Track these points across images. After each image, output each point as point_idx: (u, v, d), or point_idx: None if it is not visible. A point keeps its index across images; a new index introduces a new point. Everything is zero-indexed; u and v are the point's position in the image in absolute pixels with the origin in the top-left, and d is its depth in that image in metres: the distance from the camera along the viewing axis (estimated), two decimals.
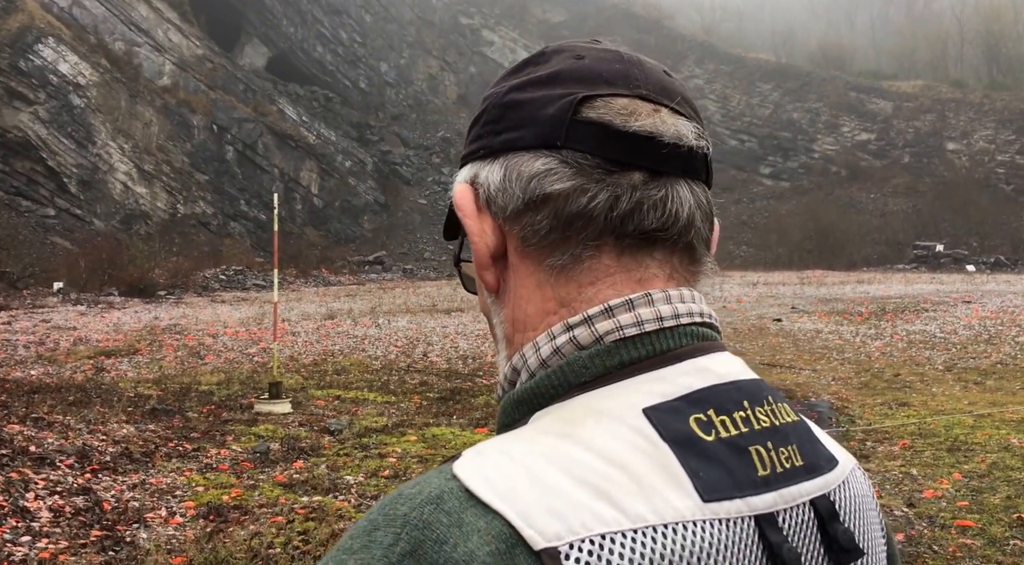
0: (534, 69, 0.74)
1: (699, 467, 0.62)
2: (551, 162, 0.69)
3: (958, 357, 14.12)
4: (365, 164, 47.31)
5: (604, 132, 0.69)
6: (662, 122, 0.70)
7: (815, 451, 0.71)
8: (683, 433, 0.63)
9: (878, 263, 44.27)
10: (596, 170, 0.69)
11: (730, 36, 64.70)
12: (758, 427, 0.67)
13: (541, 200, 0.70)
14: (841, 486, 0.72)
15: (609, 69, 0.72)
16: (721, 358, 0.71)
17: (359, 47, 51.98)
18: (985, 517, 6.03)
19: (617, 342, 0.68)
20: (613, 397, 0.65)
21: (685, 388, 0.66)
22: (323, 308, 22.54)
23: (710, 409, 0.65)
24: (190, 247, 35.47)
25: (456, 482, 0.60)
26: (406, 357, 14.03)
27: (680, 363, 0.68)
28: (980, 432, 8.61)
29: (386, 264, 40.09)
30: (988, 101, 55.64)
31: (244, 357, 13.92)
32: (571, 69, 0.72)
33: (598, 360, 0.67)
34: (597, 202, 0.68)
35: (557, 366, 0.69)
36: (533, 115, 0.71)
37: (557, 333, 0.70)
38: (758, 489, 0.64)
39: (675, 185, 0.70)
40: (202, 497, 6.40)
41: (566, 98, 0.70)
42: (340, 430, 8.64)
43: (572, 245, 0.70)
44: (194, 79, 41.65)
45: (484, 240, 0.73)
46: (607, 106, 0.70)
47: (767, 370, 12.92)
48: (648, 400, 0.64)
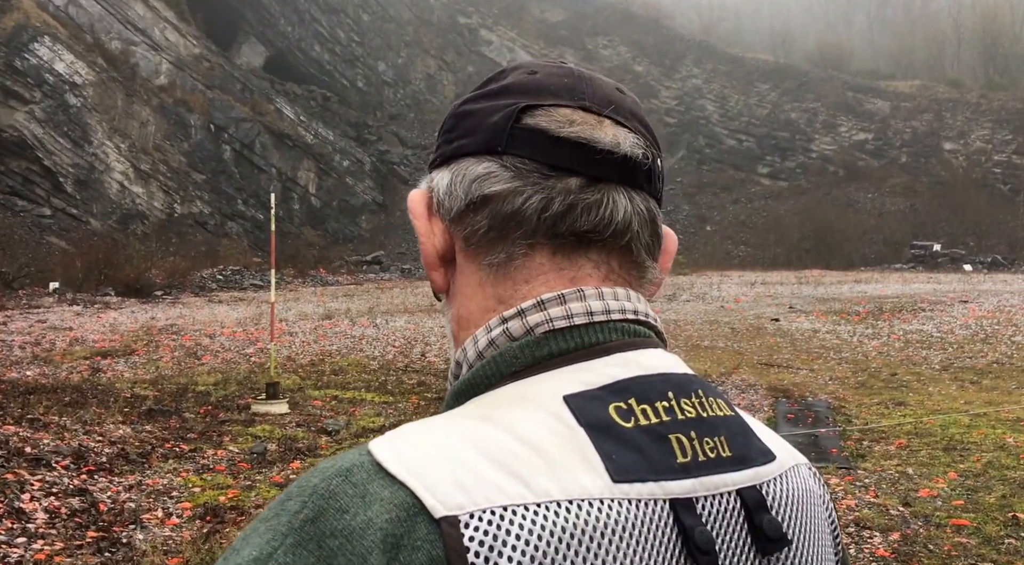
0: (492, 84, 0.78)
1: (613, 450, 0.64)
2: (492, 166, 0.73)
3: (955, 356, 14.15)
4: (363, 164, 47.25)
5: (540, 138, 0.72)
6: (600, 131, 0.73)
7: (747, 444, 0.73)
8: (600, 419, 0.65)
9: (876, 263, 44.37)
10: (533, 174, 0.72)
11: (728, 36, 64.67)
12: (681, 417, 0.69)
13: (481, 201, 0.74)
14: (777, 480, 0.73)
15: (557, 82, 0.75)
16: (651, 353, 0.73)
17: (357, 46, 51.91)
18: (980, 516, 6.06)
19: (547, 334, 0.71)
20: (537, 385, 0.68)
21: (608, 378, 0.69)
22: (321, 308, 22.48)
23: (631, 398, 0.68)
24: (187, 247, 35.35)
25: (369, 456, 0.63)
26: (404, 357, 13.99)
27: (607, 356, 0.70)
28: (976, 431, 8.66)
29: (384, 264, 40.01)
30: (985, 101, 55.68)
31: (241, 357, 13.88)
32: (521, 82, 0.76)
33: (527, 350, 0.71)
34: (531, 203, 0.72)
35: (491, 357, 0.72)
36: (480, 123, 0.75)
37: (493, 326, 0.73)
38: (675, 474, 0.66)
39: (611, 191, 0.73)
40: (199, 498, 6.39)
41: (509, 107, 0.74)
42: (337, 430, 8.62)
43: (508, 244, 0.73)
44: (191, 78, 41.53)
45: (432, 241, 0.78)
46: (548, 115, 0.73)
47: (765, 370, 12.86)
48: (570, 388, 0.67)
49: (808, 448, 8.05)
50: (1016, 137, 53.61)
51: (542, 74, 0.77)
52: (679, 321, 19.30)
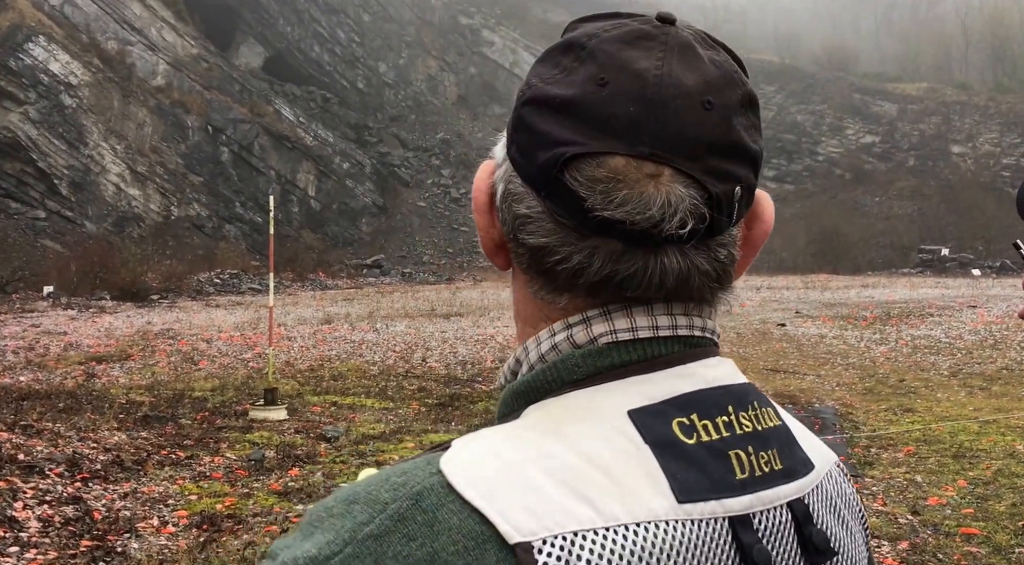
0: (563, 73, 0.69)
1: (677, 469, 0.65)
2: (534, 209, 0.70)
3: (963, 362, 14.04)
4: (363, 166, 46.96)
5: (577, 205, 0.66)
6: (650, 194, 0.66)
7: (793, 455, 0.73)
8: (665, 436, 0.66)
9: (883, 267, 44.45)
10: (572, 233, 0.68)
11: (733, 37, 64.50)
12: (740, 432, 0.70)
13: (521, 243, 0.71)
14: (816, 489, 0.74)
15: (622, 113, 0.66)
16: (711, 363, 0.72)
17: (357, 47, 51.60)
18: (990, 525, 6.01)
19: (609, 345, 0.70)
20: (602, 397, 0.68)
21: (671, 392, 0.69)
22: (320, 312, 22.43)
23: (693, 413, 0.68)
24: (184, 250, 35.18)
25: (440, 477, 0.63)
26: (404, 363, 13.92)
27: (669, 368, 0.70)
28: (985, 438, 8.63)
29: (384, 268, 39.78)
30: (993, 104, 55.62)
31: (239, 362, 13.79)
32: (586, 102, 0.67)
33: (590, 360, 0.70)
34: (566, 265, 0.69)
35: (552, 362, 0.71)
36: (531, 150, 0.69)
37: (558, 330, 0.72)
38: (734, 491, 0.67)
39: (658, 256, 0.68)
40: (195, 506, 6.34)
41: (557, 151, 0.67)
42: (337, 437, 8.57)
43: (546, 289, 0.72)
44: (188, 79, 41.18)
45: (490, 235, 0.76)
46: (594, 170, 0.66)
47: (771, 375, 12.85)
48: (634, 402, 0.67)
49: None
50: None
51: (611, 88, 0.66)
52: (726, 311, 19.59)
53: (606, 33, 0.70)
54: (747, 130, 0.70)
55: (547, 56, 0.73)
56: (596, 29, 0.71)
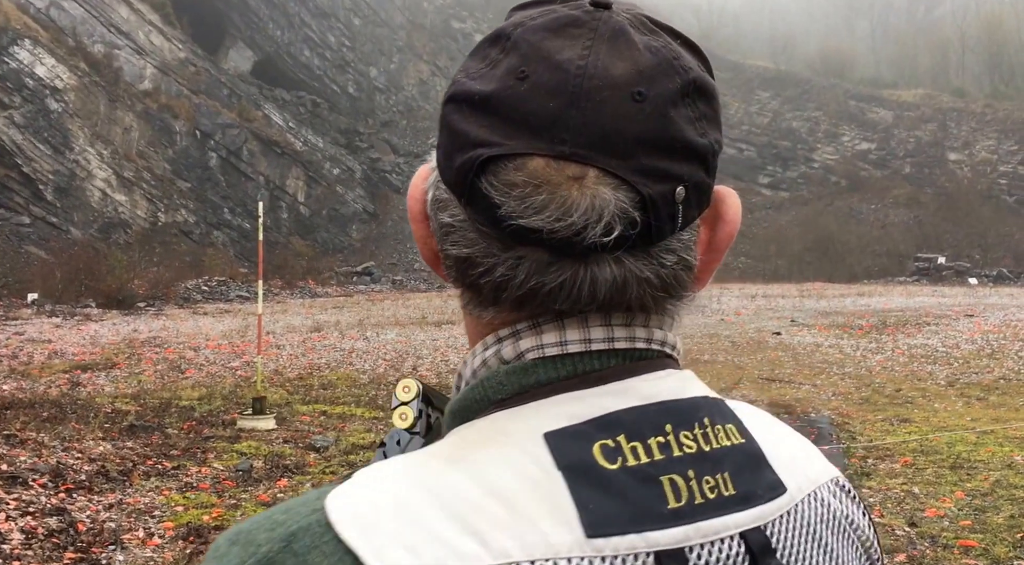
0: (488, 66, 0.64)
1: (591, 498, 0.58)
2: (457, 217, 0.65)
3: (960, 372, 14.08)
4: (354, 172, 46.57)
5: (494, 214, 0.61)
6: (574, 198, 0.60)
7: (755, 479, 0.65)
8: (581, 460, 0.60)
9: (879, 275, 44.40)
10: (494, 243, 0.63)
11: (728, 41, 64.41)
12: (678, 454, 0.62)
13: (446, 254, 0.67)
14: (786, 516, 0.66)
15: (541, 109, 0.60)
16: (654, 376, 0.65)
17: (348, 51, 51.19)
18: (988, 537, 6.01)
19: (536, 361, 0.64)
20: (519, 419, 0.63)
21: (598, 410, 0.62)
22: (309, 320, 22.29)
23: (621, 434, 0.61)
24: (171, 257, 34.77)
25: (320, 514, 0.59)
26: (395, 371, 13.91)
27: (602, 384, 0.64)
28: (983, 449, 8.65)
29: (375, 275, 39.37)
30: (990, 110, 55.60)
31: (227, 371, 13.72)
32: (505, 97, 0.61)
33: (514, 377, 0.65)
34: (489, 278, 0.64)
35: (478, 380, 0.67)
36: (450, 153, 0.64)
37: (489, 344, 0.67)
38: (663, 523, 0.60)
39: (588, 265, 0.62)
40: (181, 517, 6.31)
41: (473, 153, 0.61)
42: (326, 447, 8.56)
43: (474, 302, 0.67)
44: (176, 83, 40.70)
45: (428, 245, 0.70)
46: (511, 174, 0.60)
47: (766, 385, 12.82)
48: (554, 423, 0.61)
49: None
50: (1022, 148, 53.26)
51: (531, 82, 0.61)
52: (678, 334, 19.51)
53: (532, 21, 0.64)
54: (692, 122, 0.63)
55: (478, 49, 0.67)
56: (524, 17, 0.65)
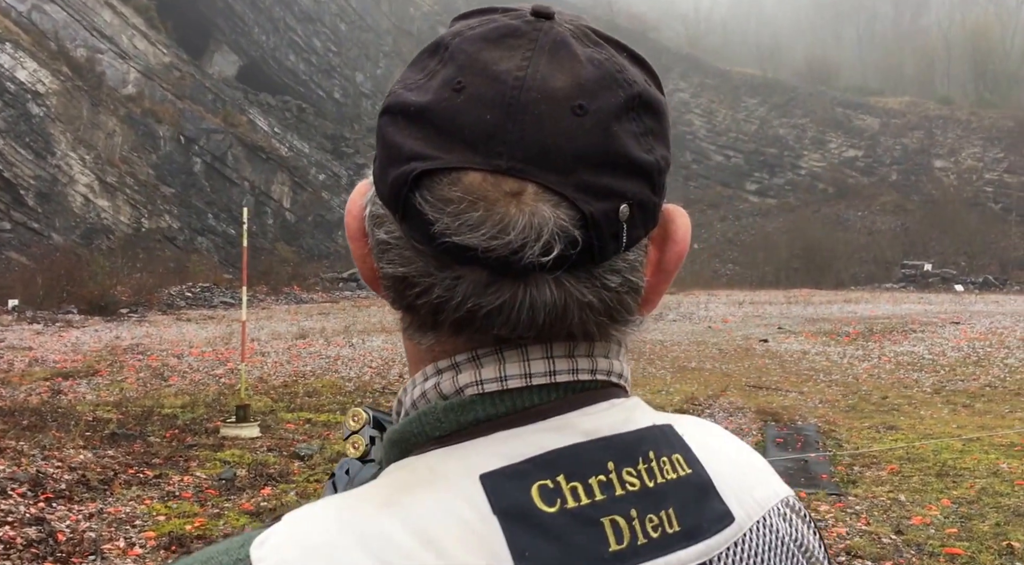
0: (425, 77, 0.62)
1: (528, 545, 0.56)
2: (393, 234, 0.62)
3: (946, 379, 14.16)
4: (340, 177, 46.31)
5: (428, 230, 0.58)
6: (511, 215, 0.57)
7: (701, 511, 0.63)
8: (518, 504, 0.57)
9: (866, 282, 44.52)
10: (431, 260, 0.60)
11: (715, 49, 64.55)
12: (620, 492, 0.60)
13: (383, 273, 0.64)
14: (734, 547, 0.64)
15: (477, 121, 0.58)
16: (597, 410, 0.63)
17: (334, 56, 50.97)
18: (974, 545, 6.02)
19: (475, 397, 0.62)
20: (456, 458, 0.60)
21: (537, 448, 0.60)
22: (294, 327, 22.13)
23: (560, 474, 0.59)
24: (155, 263, 34.33)
25: (245, 563, 0.57)
26: (381, 378, 13.80)
27: (542, 420, 0.61)
28: (969, 457, 8.70)
29: (361, 281, 38.95)
30: (975, 118, 55.88)
31: (210, 378, 13.62)
32: (440, 109, 0.59)
33: (451, 415, 0.62)
34: (425, 299, 0.61)
35: (416, 415, 0.64)
36: (385, 166, 0.61)
37: (429, 374, 0.65)
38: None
39: (529, 286, 0.59)
40: (163, 527, 6.26)
41: (407, 167, 0.59)
42: (311, 455, 8.50)
43: (413, 326, 0.64)
44: (160, 88, 40.33)
45: (367, 264, 0.67)
46: (446, 189, 0.58)
47: (753, 392, 12.84)
48: (491, 463, 0.59)
49: (798, 474, 8.13)
50: (1008, 155, 53.51)
51: (468, 93, 0.58)
52: (665, 341, 19.37)
53: (471, 31, 0.62)
54: (637, 138, 0.60)
55: (416, 59, 0.65)
56: (463, 26, 0.64)
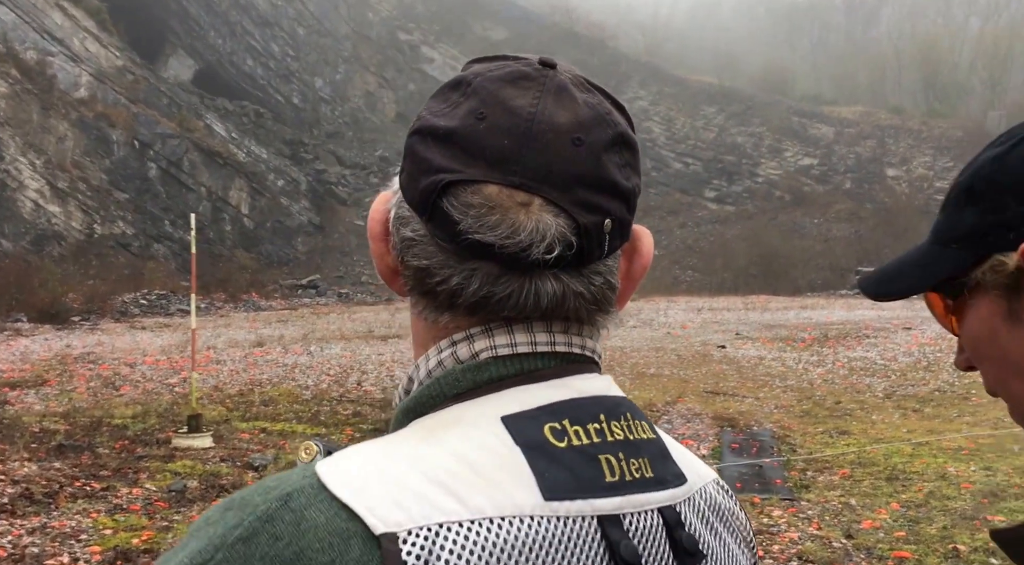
0: (450, 107, 0.75)
1: (546, 469, 0.68)
2: (418, 232, 0.74)
3: (897, 384, 14.39)
4: (299, 183, 45.84)
5: (453, 229, 0.71)
6: (521, 220, 0.71)
7: (665, 467, 0.77)
8: (535, 439, 0.70)
9: (821, 288, 44.96)
10: (451, 255, 0.72)
11: (673, 58, 65.06)
12: (611, 439, 0.73)
13: (407, 265, 0.76)
14: (688, 500, 0.78)
15: (496, 145, 0.72)
16: (587, 377, 0.76)
17: (292, 61, 50.52)
18: (921, 548, 6.12)
19: (489, 360, 0.74)
20: (478, 406, 0.72)
21: (546, 399, 0.72)
22: (252, 335, 21.91)
23: (565, 419, 0.72)
24: (108, 270, 33.68)
25: (313, 478, 0.67)
26: (339, 387, 13.79)
27: (545, 381, 0.74)
28: (918, 461, 8.85)
29: (320, 288, 38.69)
30: (926, 128, 56.96)
31: (164, 387, 13.46)
32: (465, 133, 0.73)
33: (469, 374, 0.74)
34: (445, 286, 0.73)
35: (436, 377, 0.75)
36: (415, 176, 0.74)
37: (444, 347, 0.76)
38: (603, 493, 0.70)
39: (533, 279, 0.72)
40: (109, 541, 6.14)
41: (436, 177, 0.72)
42: (265, 465, 8.45)
43: (430, 308, 0.76)
44: (113, 91, 39.65)
45: (385, 262, 0.79)
46: (469, 196, 0.71)
47: (710, 398, 12.92)
48: (508, 409, 0.71)
49: (752, 479, 8.24)
50: (957, 164, 54.49)
51: (489, 121, 0.72)
52: (625, 348, 19.42)
53: (490, 73, 0.76)
54: (619, 168, 0.74)
55: (439, 92, 0.78)
56: (483, 69, 0.77)
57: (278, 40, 50.20)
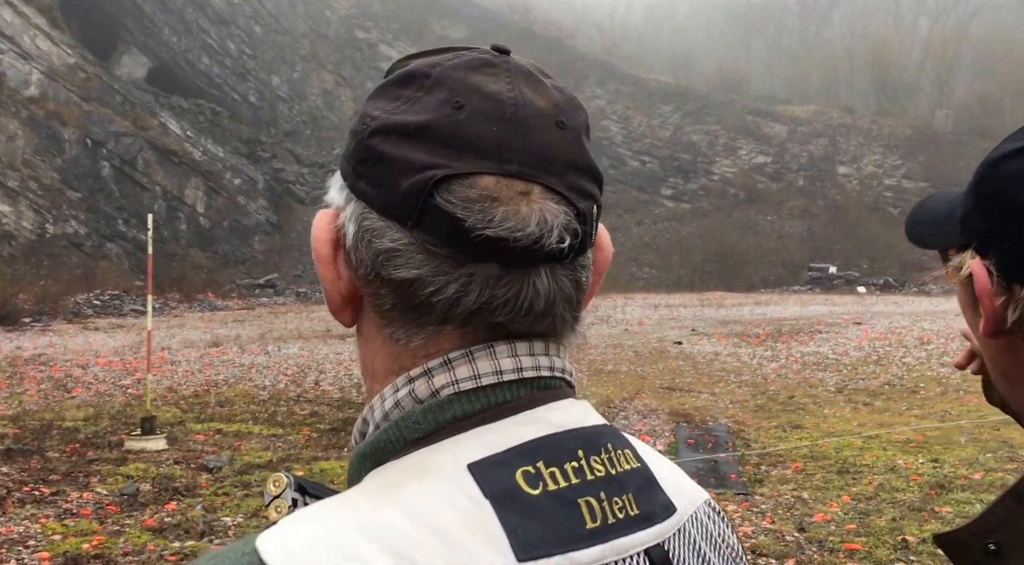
0: (407, 103, 0.68)
1: (519, 524, 0.62)
2: (400, 241, 0.66)
3: (849, 378, 14.49)
4: (256, 182, 45.40)
5: (455, 228, 0.64)
6: (525, 211, 0.65)
7: (651, 499, 0.70)
8: (507, 488, 0.63)
9: (775, 285, 45.53)
10: (446, 261, 0.65)
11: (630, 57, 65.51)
12: (591, 477, 0.67)
13: (386, 280, 0.68)
14: (678, 533, 0.72)
15: (484, 133, 0.66)
16: (561, 406, 0.70)
17: (249, 59, 50.00)
18: (872, 540, 6.22)
19: (451, 397, 0.67)
20: (441, 453, 0.65)
21: (517, 438, 0.66)
22: (208, 335, 21.70)
23: (540, 461, 0.65)
24: (60, 270, 33.13)
25: (253, 556, 0.60)
26: (296, 386, 13.65)
27: (515, 415, 0.67)
28: (868, 454, 8.98)
29: (278, 287, 38.41)
30: (876, 127, 57.95)
31: (117, 389, 13.22)
32: (443, 125, 0.66)
33: (430, 415, 0.67)
34: (442, 296, 0.66)
35: (393, 421, 0.68)
36: (389, 180, 0.67)
37: (400, 385, 0.69)
38: (583, 542, 0.64)
39: (532, 277, 0.67)
40: (59, 546, 6.02)
41: (423, 175, 0.65)
42: (220, 467, 8.33)
43: (412, 326, 0.69)
44: (65, 90, 38.98)
45: (337, 288, 0.72)
46: (466, 191, 0.65)
47: (667, 394, 12.99)
48: (476, 454, 0.64)
49: (708, 474, 8.31)
50: (905, 162, 55.72)
51: (468, 111, 0.66)
52: (582, 345, 19.54)
53: (449, 62, 0.69)
54: (591, 152, 0.71)
55: (381, 92, 0.71)
56: (437, 60, 0.70)
57: (234, 38, 49.65)
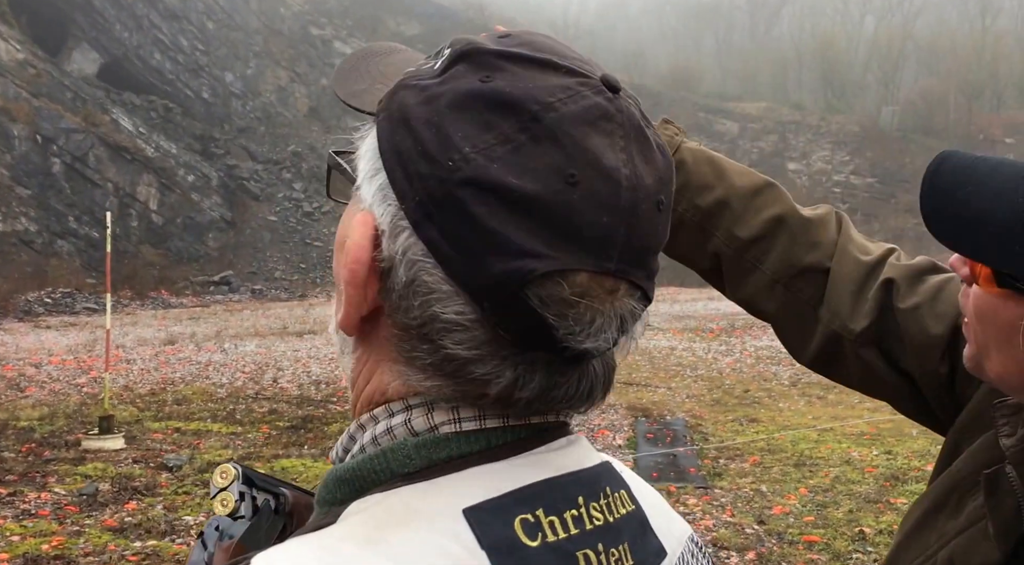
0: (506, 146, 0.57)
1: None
2: (466, 316, 0.58)
3: (802, 372, 14.55)
4: (210, 179, 45.09)
5: (538, 329, 0.58)
6: (608, 315, 0.60)
7: (645, 547, 0.67)
8: (504, 538, 0.58)
9: None
10: (509, 346, 0.59)
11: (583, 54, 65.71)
12: (590, 527, 0.63)
13: (436, 347, 0.60)
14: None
15: (595, 222, 0.57)
16: (559, 445, 0.65)
17: (201, 55, 49.56)
18: (829, 531, 6.35)
19: (450, 435, 0.62)
20: (434, 494, 0.59)
21: (516, 482, 0.61)
22: (162, 332, 21.53)
23: (539, 509, 0.60)
24: (9, 268, 32.82)
25: None
26: (254, 384, 13.61)
27: (515, 456, 0.62)
28: (824, 446, 9.09)
29: (233, 284, 38.29)
30: (824, 123, 59.06)
31: (72, 388, 13.08)
32: (553, 204, 0.56)
33: (424, 451, 0.61)
34: (497, 382, 0.60)
35: (381, 450, 0.62)
36: (476, 251, 0.57)
37: (396, 411, 0.63)
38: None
39: (591, 364, 0.63)
40: (17, 548, 5.96)
41: (520, 264, 0.56)
42: (179, 466, 8.31)
43: (437, 380, 0.61)
44: (14, 85, 38.44)
45: (360, 311, 0.62)
46: (559, 290, 0.57)
47: (625, 389, 13.00)
48: (472, 498, 0.59)
49: (668, 468, 8.33)
50: (853, 158, 56.92)
51: (583, 189, 0.56)
52: None
53: (563, 105, 0.58)
54: None
55: (468, 106, 0.58)
56: (541, 92, 0.58)
57: (187, 34, 49.20)
